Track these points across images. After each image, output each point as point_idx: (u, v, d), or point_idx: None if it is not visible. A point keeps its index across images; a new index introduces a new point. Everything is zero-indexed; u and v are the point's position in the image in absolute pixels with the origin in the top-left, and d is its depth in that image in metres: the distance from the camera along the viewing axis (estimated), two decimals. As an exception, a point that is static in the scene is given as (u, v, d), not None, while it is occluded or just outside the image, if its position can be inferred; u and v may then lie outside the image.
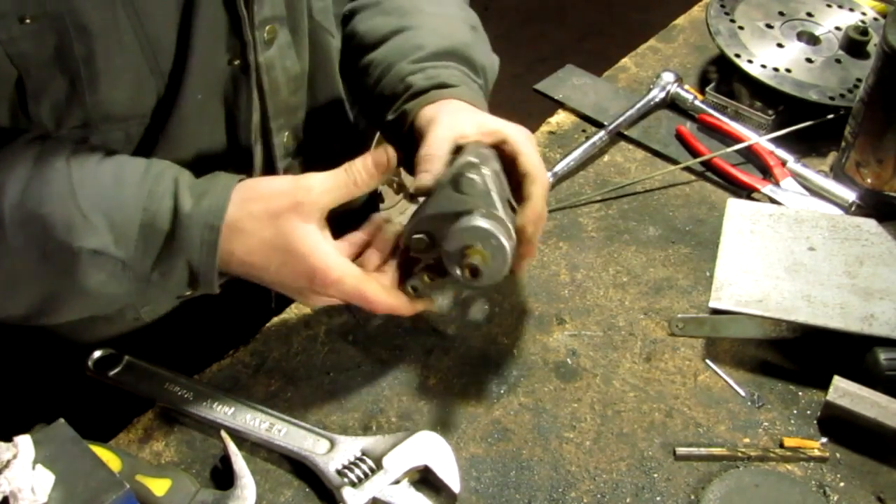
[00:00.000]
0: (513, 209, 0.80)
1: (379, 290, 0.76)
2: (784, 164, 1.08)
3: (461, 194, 0.75)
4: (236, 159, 0.87)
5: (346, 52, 0.98)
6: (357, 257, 0.79)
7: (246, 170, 0.87)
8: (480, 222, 0.74)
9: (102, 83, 0.73)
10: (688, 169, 1.11)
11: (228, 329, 0.91)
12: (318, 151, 0.98)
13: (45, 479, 0.63)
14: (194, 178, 0.76)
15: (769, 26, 1.20)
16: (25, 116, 0.73)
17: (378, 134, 1.14)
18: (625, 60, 1.31)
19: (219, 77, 0.80)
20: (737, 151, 1.11)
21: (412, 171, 0.82)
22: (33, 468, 0.63)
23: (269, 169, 0.91)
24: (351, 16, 0.98)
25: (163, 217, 0.72)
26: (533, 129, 1.18)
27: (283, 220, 0.73)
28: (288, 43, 0.85)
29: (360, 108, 1.05)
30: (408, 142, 0.85)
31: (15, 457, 0.63)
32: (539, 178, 0.79)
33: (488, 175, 0.75)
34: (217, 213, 0.72)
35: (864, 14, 1.25)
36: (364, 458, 0.77)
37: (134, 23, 0.72)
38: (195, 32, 0.75)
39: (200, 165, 0.81)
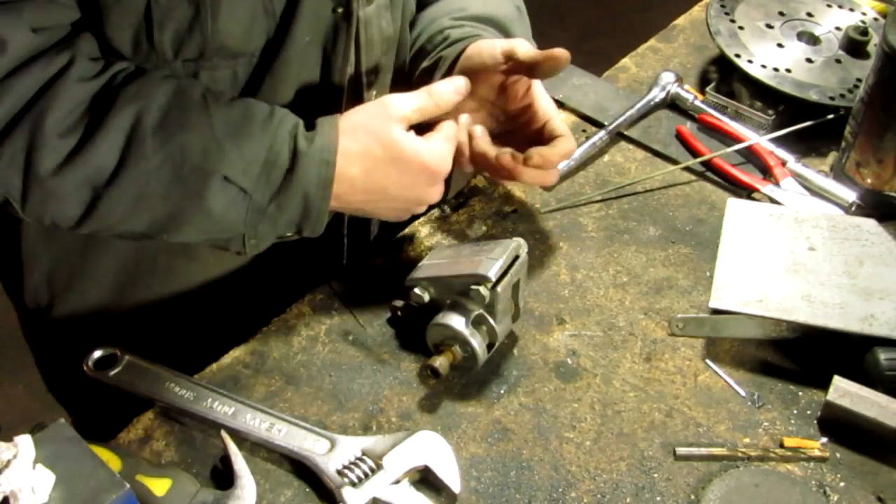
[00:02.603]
0: (515, 305, 0.87)
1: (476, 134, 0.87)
2: (784, 164, 1.08)
3: (466, 297, 0.83)
4: (328, 106, 0.89)
5: None
6: None
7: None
8: (463, 328, 0.83)
9: (223, 12, 0.76)
10: (688, 169, 1.11)
11: (228, 329, 0.91)
12: None
13: (45, 479, 0.63)
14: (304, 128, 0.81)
15: (769, 26, 1.20)
16: (149, 43, 0.77)
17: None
18: (625, 60, 1.31)
19: (323, 23, 0.84)
20: (737, 151, 1.11)
21: None
22: (33, 468, 0.63)
23: None
24: None
25: (283, 156, 0.78)
26: (533, 129, 1.18)
27: (385, 135, 0.81)
28: (385, 4, 0.89)
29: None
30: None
31: (15, 457, 0.63)
32: (567, 135, 0.89)
33: (499, 291, 0.82)
34: (330, 147, 0.79)
35: (864, 14, 1.25)
36: (364, 458, 0.77)
37: None
38: None
39: (295, 108, 0.85)
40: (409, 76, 0.98)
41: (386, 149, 0.81)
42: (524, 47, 0.86)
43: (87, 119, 0.73)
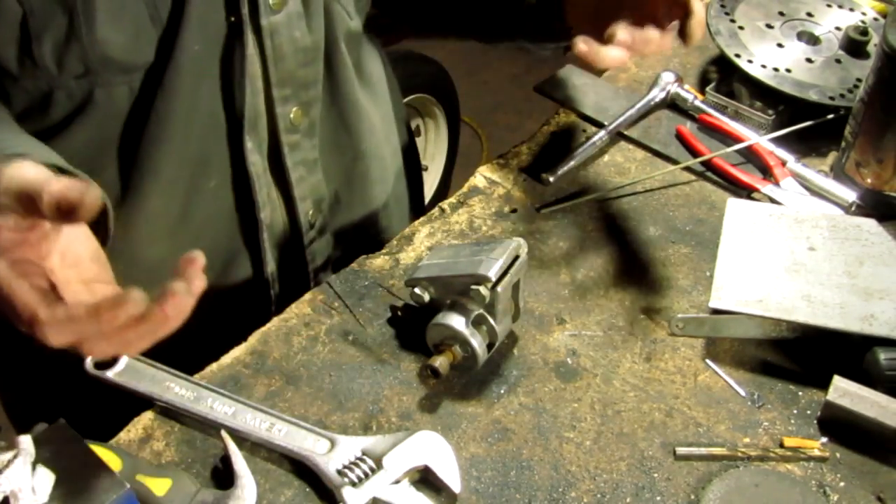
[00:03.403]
0: (516, 305, 0.87)
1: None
2: (784, 164, 1.08)
3: (466, 297, 0.83)
4: (233, 123, 0.86)
5: None
6: None
7: (240, 135, 0.87)
8: (463, 328, 0.83)
9: (99, 21, 0.73)
10: (688, 169, 1.11)
11: (228, 329, 0.91)
12: (334, 137, 0.98)
13: (45, 479, 0.63)
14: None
15: (769, 26, 1.20)
16: (30, 59, 0.74)
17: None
18: (625, 60, 1.31)
19: (217, 32, 0.81)
20: (737, 151, 1.11)
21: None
22: (33, 468, 0.63)
23: (274, 141, 0.90)
24: None
25: None
26: (533, 129, 1.18)
27: None
28: (298, 13, 0.84)
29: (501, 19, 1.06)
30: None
31: (15, 457, 0.63)
32: None
33: (499, 291, 0.82)
34: None
35: (864, 14, 1.25)
36: (364, 458, 0.77)
37: None
38: None
39: (199, 125, 0.82)
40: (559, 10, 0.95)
41: None
42: None
43: None
